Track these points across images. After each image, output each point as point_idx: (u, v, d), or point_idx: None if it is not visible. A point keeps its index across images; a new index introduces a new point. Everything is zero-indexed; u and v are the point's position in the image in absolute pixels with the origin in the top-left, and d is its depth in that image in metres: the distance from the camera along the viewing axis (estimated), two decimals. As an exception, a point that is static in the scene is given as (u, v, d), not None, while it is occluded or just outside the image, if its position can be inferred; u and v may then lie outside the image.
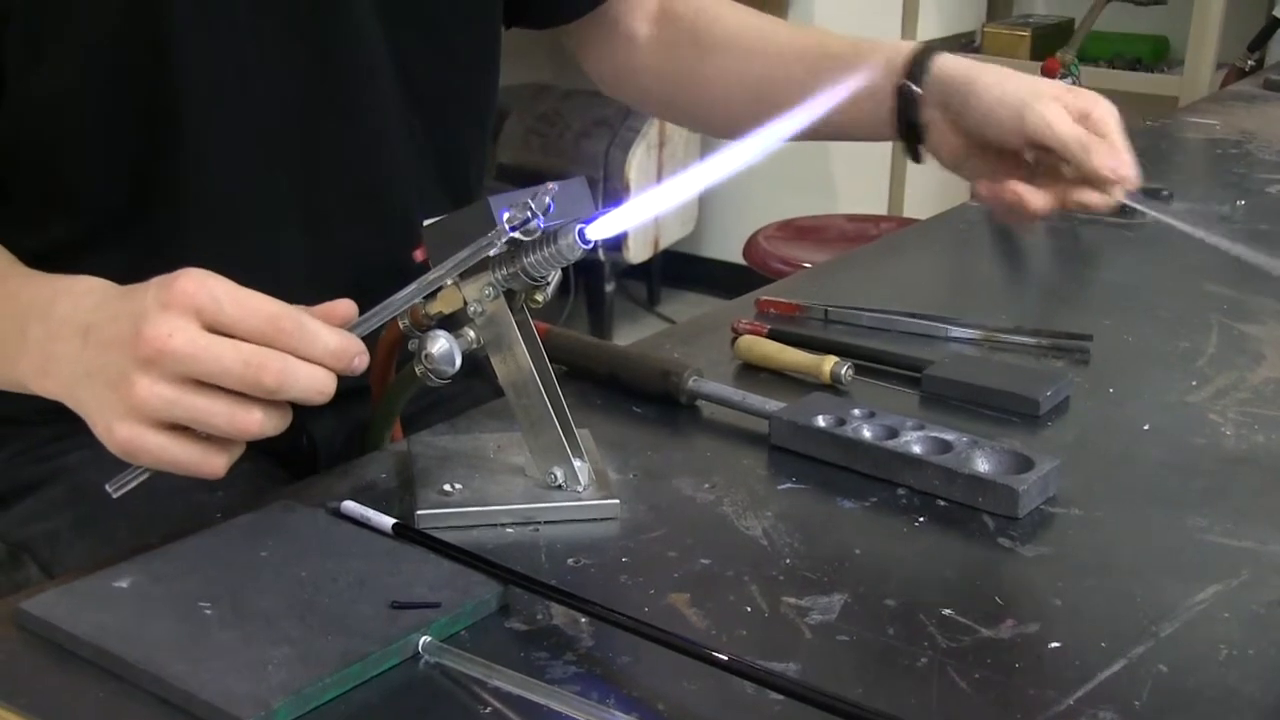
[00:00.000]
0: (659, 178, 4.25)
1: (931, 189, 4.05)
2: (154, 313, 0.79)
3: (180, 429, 0.81)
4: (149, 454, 0.82)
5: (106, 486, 0.86)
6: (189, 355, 0.79)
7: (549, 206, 0.84)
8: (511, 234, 0.84)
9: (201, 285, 0.80)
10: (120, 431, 0.81)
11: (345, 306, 0.87)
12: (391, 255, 1.07)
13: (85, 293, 0.87)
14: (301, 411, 1.21)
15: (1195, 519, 0.92)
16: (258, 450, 1.19)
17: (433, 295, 0.93)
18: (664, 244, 4.38)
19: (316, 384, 0.81)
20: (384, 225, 1.18)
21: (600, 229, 0.86)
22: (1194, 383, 1.15)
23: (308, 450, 1.21)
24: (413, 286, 0.87)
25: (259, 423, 0.81)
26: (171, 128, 1.06)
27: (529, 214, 0.84)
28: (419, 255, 0.92)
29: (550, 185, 0.85)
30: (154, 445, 0.81)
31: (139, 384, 0.79)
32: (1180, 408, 1.11)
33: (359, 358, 0.83)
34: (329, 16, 1.10)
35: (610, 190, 4.10)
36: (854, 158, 4.29)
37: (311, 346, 0.81)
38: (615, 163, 4.17)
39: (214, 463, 0.83)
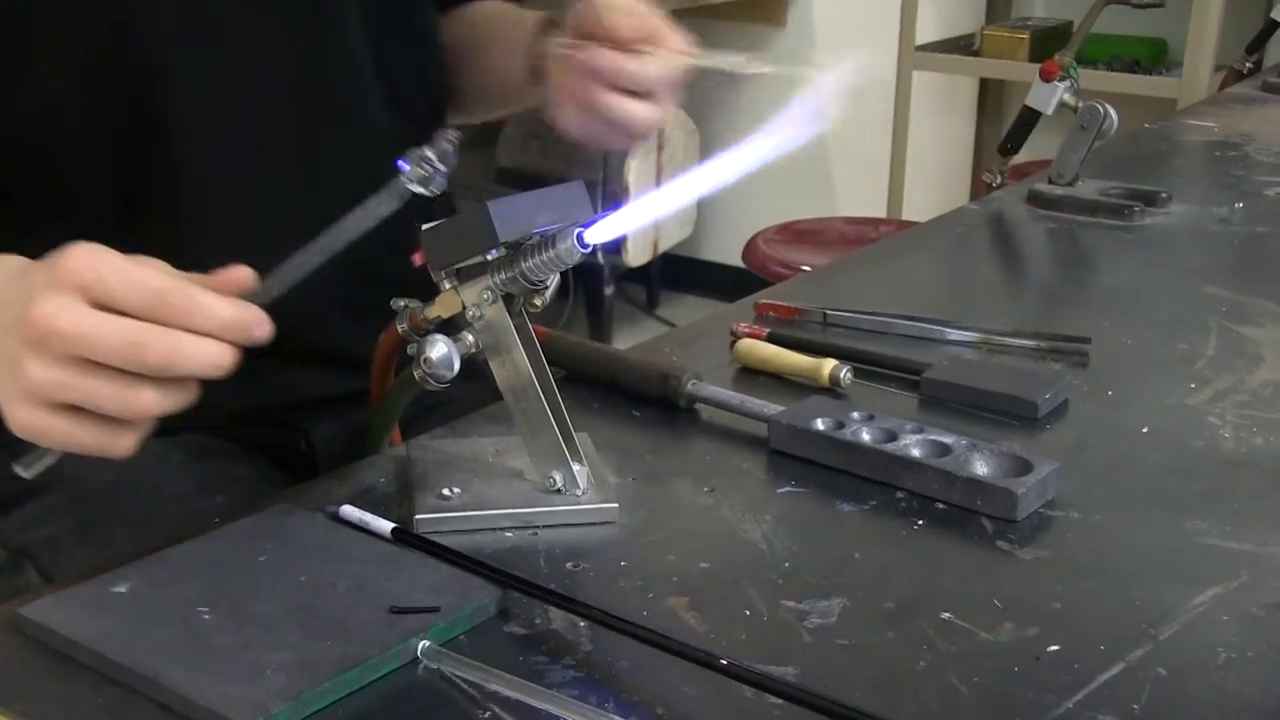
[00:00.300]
0: (658, 181, 4.25)
1: (931, 192, 4.07)
2: (41, 292, 0.78)
3: (81, 410, 0.79)
4: (49, 436, 0.80)
5: (15, 466, 0.84)
6: (73, 335, 0.77)
7: (450, 155, 0.83)
8: (413, 188, 0.83)
9: (87, 261, 0.78)
10: (19, 415, 0.80)
11: (242, 274, 0.84)
12: (385, 258, 1.07)
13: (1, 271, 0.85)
14: (300, 415, 1.21)
15: (1194, 521, 0.92)
16: (256, 454, 1.20)
17: (431, 299, 0.93)
18: (663, 247, 4.38)
19: (209, 358, 0.79)
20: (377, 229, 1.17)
21: (599, 233, 0.86)
22: (1193, 385, 1.15)
23: (306, 454, 1.21)
24: (314, 248, 0.85)
25: (150, 402, 0.79)
26: (163, 134, 1.06)
27: (429, 168, 0.82)
28: (417, 259, 0.92)
29: (451, 134, 0.83)
30: (53, 428, 0.80)
31: (30, 366, 0.78)
32: (1179, 410, 1.11)
33: (258, 328, 0.81)
34: (317, 22, 1.10)
35: (609, 194, 4.10)
36: (853, 161, 4.29)
37: (202, 320, 0.79)
38: (614, 166, 4.17)
39: (118, 443, 0.81)
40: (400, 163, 0.83)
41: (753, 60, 1.03)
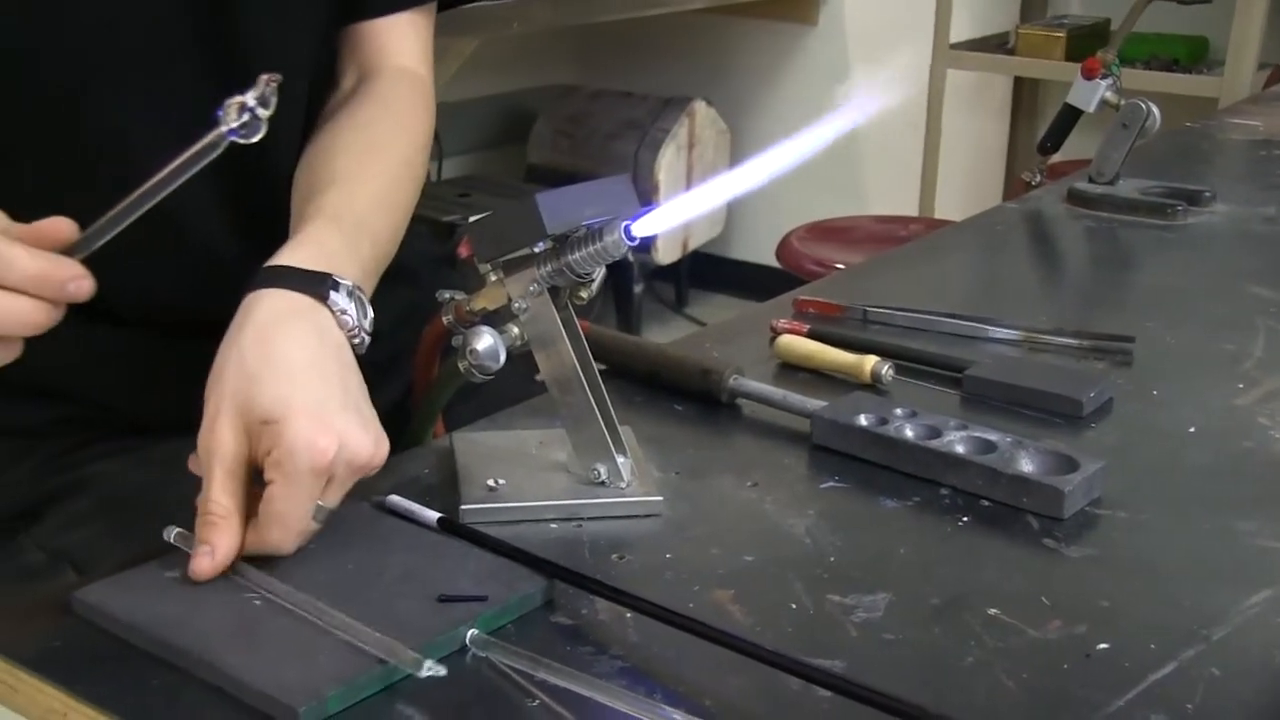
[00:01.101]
0: (689, 179, 4.25)
1: (963, 190, 4.06)
2: None
3: None
4: None
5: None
6: None
7: (269, 99, 0.78)
8: (231, 136, 0.78)
9: None
10: None
11: (60, 226, 0.83)
12: None
13: None
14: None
15: (1244, 523, 0.92)
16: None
17: (477, 291, 0.93)
18: (692, 245, 4.38)
19: (20, 316, 0.78)
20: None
21: (645, 226, 0.86)
22: (1240, 386, 1.14)
23: None
24: (134, 199, 0.82)
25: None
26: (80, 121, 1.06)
27: (249, 114, 0.78)
28: (463, 251, 0.92)
29: (272, 77, 0.79)
30: None
31: None
32: (1226, 411, 1.10)
33: (74, 283, 0.79)
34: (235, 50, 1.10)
35: (639, 192, 4.06)
36: (885, 159, 4.28)
37: (7, 273, 0.78)
38: (645, 164, 4.17)
39: None
40: (218, 112, 0.78)
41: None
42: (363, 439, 0.85)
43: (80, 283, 0.79)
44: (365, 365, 1.17)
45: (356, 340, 0.89)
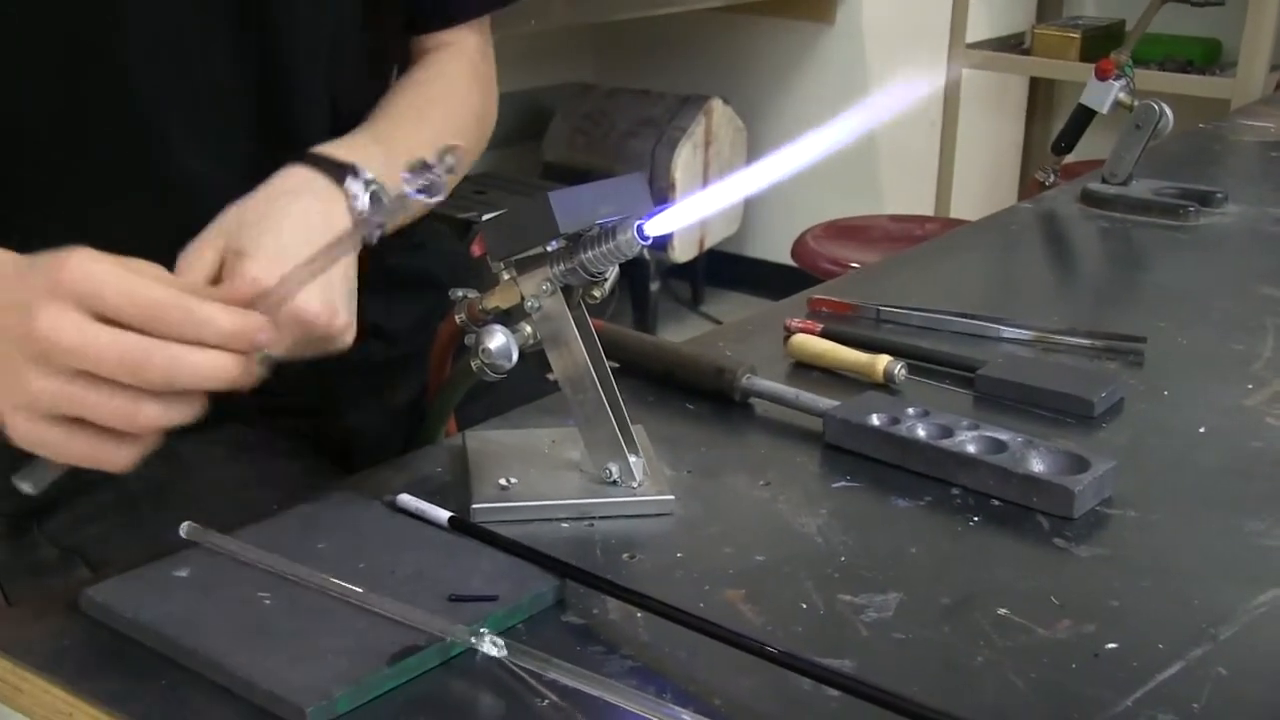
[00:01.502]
0: (705, 177, 4.25)
1: (978, 190, 4.05)
2: (41, 302, 0.76)
3: (82, 422, 0.78)
4: (48, 447, 0.79)
5: (14, 480, 0.83)
6: (73, 349, 0.76)
7: (452, 164, 0.81)
8: (415, 196, 0.81)
9: (86, 272, 0.77)
10: (18, 425, 0.79)
11: (248, 285, 0.84)
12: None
13: None
14: (335, 395, 1.21)
15: (1253, 522, 0.92)
16: (297, 441, 1.20)
17: (490, 290, 0.94)
18: (709, 244, 4.38)
19: (214, 370, 0.78)
20: None
21: (659, 225, 0.87)
22: (1250, 386, 1.14)
23: (344, 436, 1.21)
24: (320, 255, 0.84)
25: (153, 416, 0.78)
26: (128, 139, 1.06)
27: (432, 176, 0.81)
28: (476, 249, 0.92)
29: (455, 146, 0.82)
30: (51, 439, 0.79)
31: (29, 378, 0.77)
32: (1236, 411, 1.10)
33: (262, 334, 0.80)
34: (272, 43, 1.11)
35: (656, 190, 4.10)
36: (901, 159, 4.28)
37: (203, 333, 0.78)
38: (661, 162, 4.18)
39: (117, 456, 0.80)
40: (404, 174, 0.81)
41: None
42: (313, 297, 0.90)
43: (267, 334, 0.80)
44: (382, 365, 1.18)
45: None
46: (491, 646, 0.74)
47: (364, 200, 0.97)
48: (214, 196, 1.01)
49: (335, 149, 1.05)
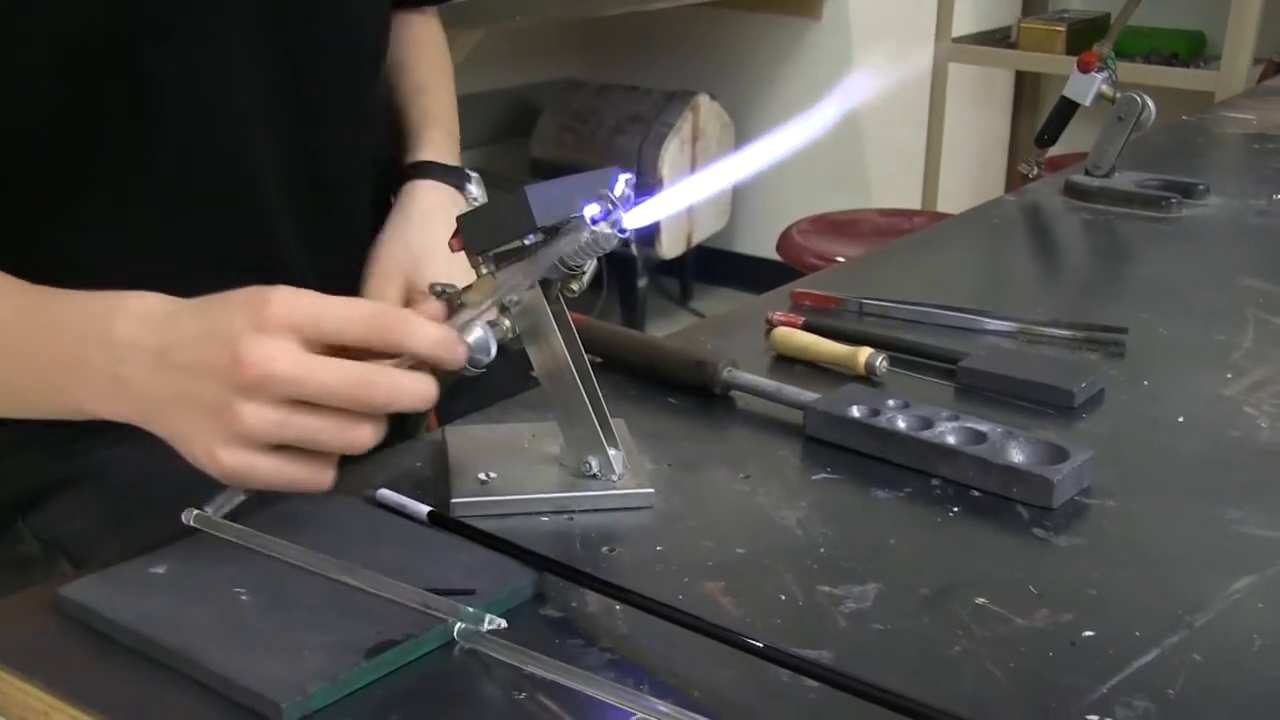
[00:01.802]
0: (693, 172, 4.25)
1: (966, 184, 4.06)
2: (250, 336, 0.78)
3: (287, 447, 0.81)
4: (259, 477, 0.81)
5: (205, 508, 0.84)
6: (295, 379, 0.78)
7: (629, 196, 0.85)
8: (601, 229, 0.86)
9: (295, 303, 0.79)
10: (227, 459, 0.80)
11: (434, 308, 0.88)
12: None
13: (145, 314, 0.84)
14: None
15: (1230, 510, 0.92)
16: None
17: (468, 284, 0.94)
18: (697, 239, 4.38)
19: (423, 392, 0.82)
20: (344, 222, 1.23)
21: (636, 218, 0.87)
22: (1229, 376, 1.15)
23: None
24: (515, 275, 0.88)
25: (369, 435, 0.81)
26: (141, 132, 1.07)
27: (613, 208, 0.85)
28: (454, 245, 0.92)
29: (627, 173, 0.86)
30: (264, 469, 0.80)
31: (244, 410, 0.78)
32: (1215, 401, 1.10)
33: (459, 348, 0.84)
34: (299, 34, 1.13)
35: (644, 185, 4.07)
36: (888, 153, 4.28)
37: (416, 339, 0.81)
38: (649, 158, 4.17)
39: (325, 477, 0.82)
40: (584, 205, 0.85)
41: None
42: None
43: (463, 349, 0.85)
44: None
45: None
46: (489, 626, 0.75)
47: (480, 197, 1.11)
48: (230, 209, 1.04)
49: (433, 149, 1.26)
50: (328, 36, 1.16)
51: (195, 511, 0.86)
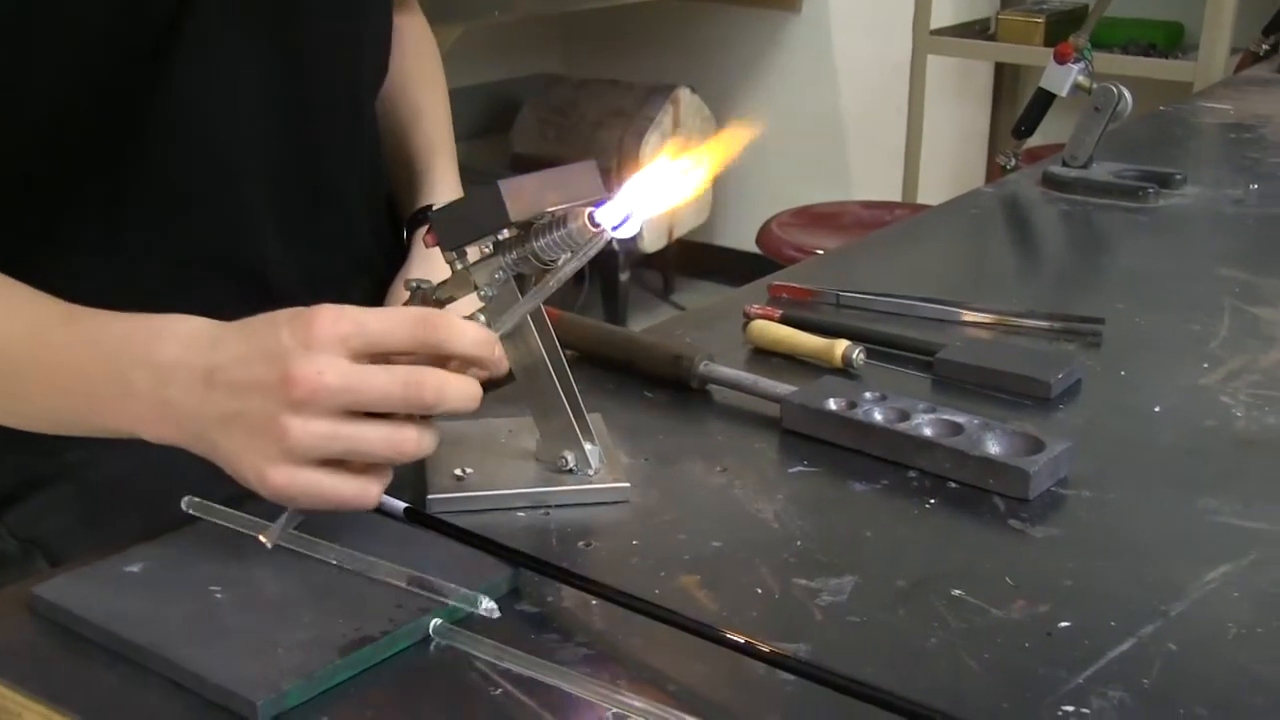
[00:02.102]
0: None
1: (946, 176, 4.06)
2: (298, 352, 0.79)
3: (334, 462, 0.81)
4: (308, 494, 0.81)
5: (260, 537, 0.84)
6: (346, 388, 0.79)
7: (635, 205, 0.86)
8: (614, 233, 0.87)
9: (341, 315, 0.80)
10: (276, 477, 0.80)
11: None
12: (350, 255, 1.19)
13: (192, 335, 0.85)
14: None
15: (1206, 500, 0.92)
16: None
17: (444, 280, 0.93)
18: (678, 233, 4.38)
19: (469, 392, 0.83)
20: (337, 225, 1.23)
21: (610, 212, 0.86)
22: (1205, 365, 1.15)
23: None
24: (529, 297, 0.89)
25: (416, 442, 0.82)
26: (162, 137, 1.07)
27: (623, 215, 0.86)
28: (429, 240, 0.92)
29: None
30: (312, 484, 0.80)
31: (292, 425, 0.79)
32: (1192, 390, 1.11)
33: (499, 348, 0.85)
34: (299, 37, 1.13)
35: (625, 179, 4.09)
36: (868, 145, 4.29)
37: (462, 340, 0.83)
38: (629, 152, 4.17)
39: (373, 491, 0.83)
40: (594, 211, 0.86)
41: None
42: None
43: (501, 350, 0.87)
44: None
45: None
46: (484, 607, 0.76)
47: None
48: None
49: (446, 190, 1.31)
50: (329, 43, 1.16)
51: (192, 499, 0.87)
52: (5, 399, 0.94)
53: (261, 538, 0.83)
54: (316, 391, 0.78)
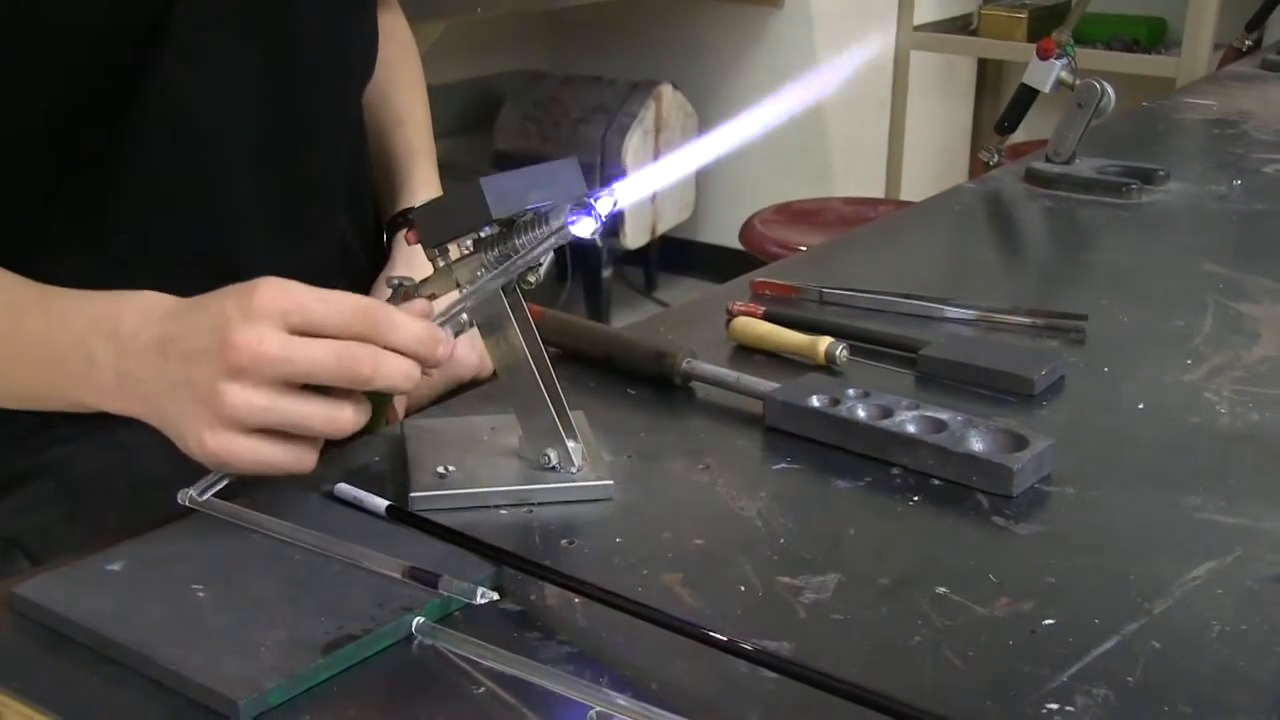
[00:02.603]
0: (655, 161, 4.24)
1: (929, 172, 4.06)
2: (239, 321, 0.81)
3: (271, 432, 0.83)
4: (243, 460, 0.83)
5: (187, 491, 0.86)
6: (283, 358, 0.80)
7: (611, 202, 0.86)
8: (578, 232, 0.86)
9: (284, 290, 0.82)
10: (212, 442, 0.82)
11: (422, 305, 0.90)
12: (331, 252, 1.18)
13: (151, 306, 0.87)
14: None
15: (1190, 497, 0.92)
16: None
17: (426, 277, 0.93)
18: (661, 229, 4.37)
19: (405, 370, 0.83)
20: (332, 222, 1.24)
21: (590, 210, 0.86)
22: (1189, 362, 1.15)
23: None
24: (491, 277, 0.89)
25: (351, 418, 0.84)
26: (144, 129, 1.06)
27: (594, 213, 0.85)
28: (410, 238, 0.92)
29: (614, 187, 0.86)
30: (247, 450, 0.82)
31: (229, 392, 0.80)
32: (1175, 387, 1.11)
33: (443, 347, 0.85)
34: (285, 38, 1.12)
35: (607, 176, 4.09)
36: (851, 142, 4.29)
37: (400, 334, 0.83)
38: (612, 148, 4.17)
39: (308, 459, 0.85)
40: (569, 207, 0.86)
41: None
42: (466, 348, 1.13)
43: (447, 348, 0.86)
44: None
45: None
46: (482, 598, 0.77)
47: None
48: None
49: (422, 192, 1.31)
50: (316, 41, 1.15)
51: (189, 492, 0.87)
52: None
53: (190, 492, 0.86)
54: (255, 359, 0.80)
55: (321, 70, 1.17)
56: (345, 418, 0.84)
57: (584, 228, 0.85)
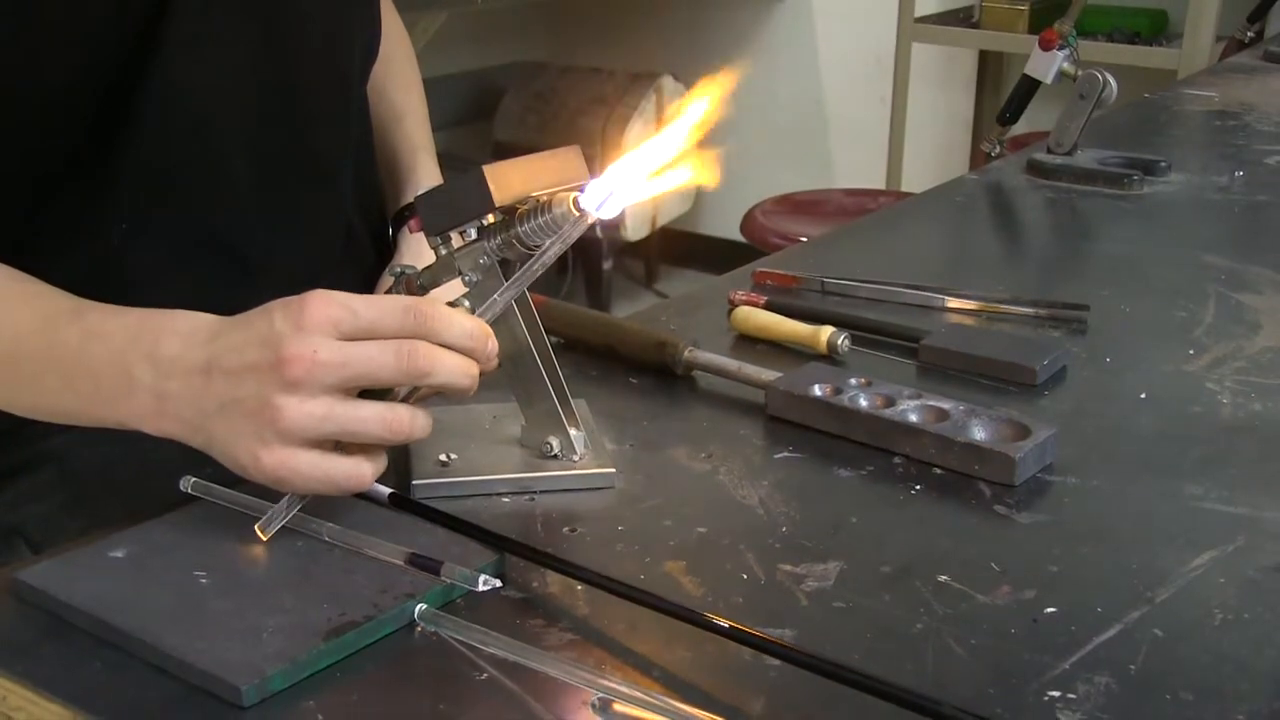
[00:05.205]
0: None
1: (930, 163, 4.06)
2: (291, 334, 0.80)
3: (326, 445, 0.81)
4: (300, 473, 0.81)
5: (256, 528, 0.84)
6: (340, 363, 0.79)
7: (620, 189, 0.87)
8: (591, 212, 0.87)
9: (332, 299, 0.81)
10: (269, 458, 0.80)
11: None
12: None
13: (192, 330, 0.85)
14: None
15: (1191, 487, 0.92)
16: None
17: (427, 265, 0.93)
18: (662, 221, 4.37)
19: (462, 367, 0.83)
20: (335, 206, 1.24)
21: (594, 197, 0.86)
22: (1191, 352, 1.15)
23: None
24: (515, 279, 0.89)
25: (409, 421, 0.82)
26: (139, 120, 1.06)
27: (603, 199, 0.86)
28: (413, 225, 0.92)
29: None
30: (305, 464, 0.81)
31: (286, 405, 0.79)
32: (1177, 377, 1.11)
33: (491, 341, 0.85)
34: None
35: (608, 167, 4.08)
36: (852, 133, 4.28)
37: (452, 330, 0.83)
38: (612, 139, 4.17)
39: (366, 471, 0.83)
40: (579, 195, 0.86)
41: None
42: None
43: (495, 343, 0.86)
44: None
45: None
46: (484, 585, 0.77)
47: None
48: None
49: (428, 181, 1.31)
50: (317, 25, 1.15)
51: (191, 479, 0.87)
52: (10, 387, 0.93)
53: (257, 529, 0.83)
54: (312, 369, 0.79)
55: (322, 54, 1.16)
56: (402, 420, 0.82)
57: (598, 206, 0.85)
